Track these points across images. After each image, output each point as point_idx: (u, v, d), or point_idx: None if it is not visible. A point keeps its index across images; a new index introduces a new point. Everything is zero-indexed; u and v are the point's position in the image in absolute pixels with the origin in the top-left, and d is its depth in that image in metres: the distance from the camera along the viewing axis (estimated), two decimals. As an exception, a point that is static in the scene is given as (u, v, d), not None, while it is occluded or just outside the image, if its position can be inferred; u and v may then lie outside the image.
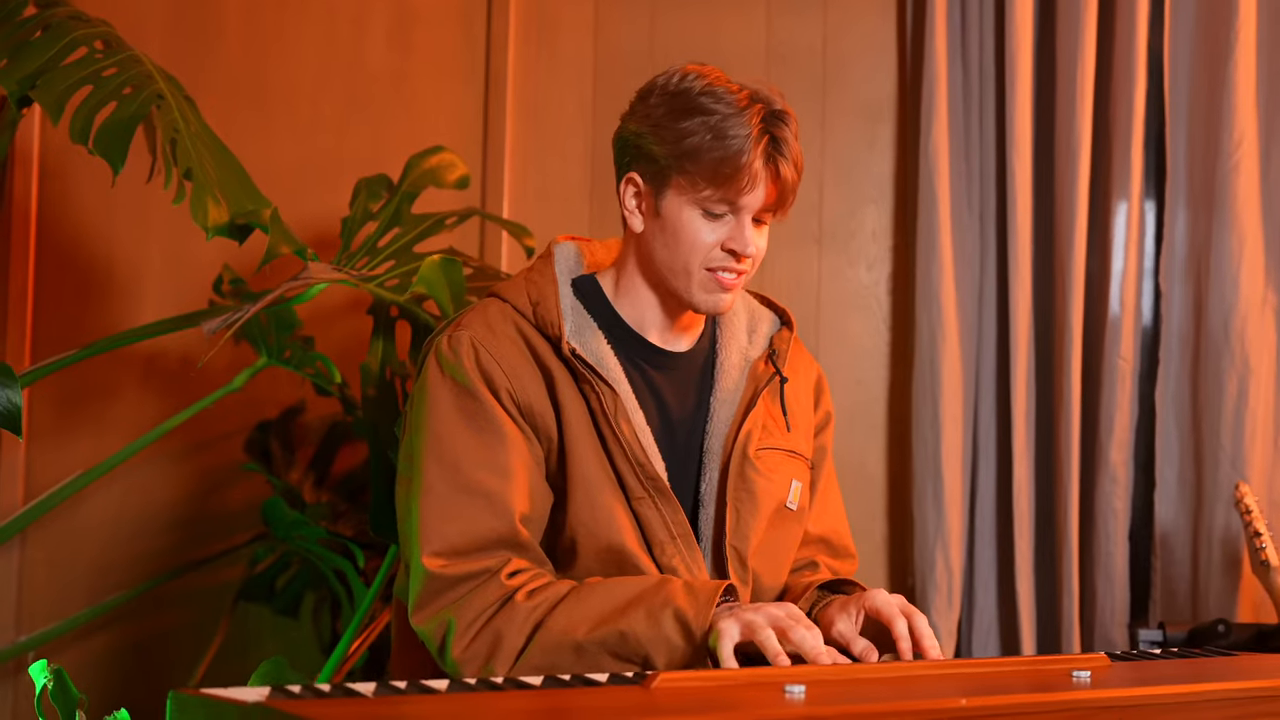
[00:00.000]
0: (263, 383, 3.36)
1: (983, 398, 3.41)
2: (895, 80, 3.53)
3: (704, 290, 2.14)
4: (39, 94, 2.45)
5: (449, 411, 2.09)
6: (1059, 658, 1.99)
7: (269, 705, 1.38)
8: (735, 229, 2.11)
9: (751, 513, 2.18)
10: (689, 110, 2.08)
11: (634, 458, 2.09)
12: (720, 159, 2.05)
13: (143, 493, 3.48)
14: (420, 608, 2.05)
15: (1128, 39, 3.30)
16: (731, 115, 2.06)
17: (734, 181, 2.06)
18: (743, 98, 2.09)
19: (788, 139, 2.10)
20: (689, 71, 2.12)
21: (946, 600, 3.31)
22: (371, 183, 3.06)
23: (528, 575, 2.05)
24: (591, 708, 1.53)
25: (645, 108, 2.14)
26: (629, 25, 3.54)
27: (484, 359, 2.10)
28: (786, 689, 1.57)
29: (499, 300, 2.19)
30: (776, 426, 2.25)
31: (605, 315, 2.20)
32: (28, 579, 3.47)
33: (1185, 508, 3.34)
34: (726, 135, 2.05)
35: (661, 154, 2.09)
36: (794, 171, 2.11)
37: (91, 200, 3.48)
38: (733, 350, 2.26)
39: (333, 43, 3.54)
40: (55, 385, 3.45)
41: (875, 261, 3.53)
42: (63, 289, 3.49)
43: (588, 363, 2.10)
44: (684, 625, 1.95)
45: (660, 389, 2.20)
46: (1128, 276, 3.32)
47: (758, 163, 2.07)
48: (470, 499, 2.05)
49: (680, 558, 2.11)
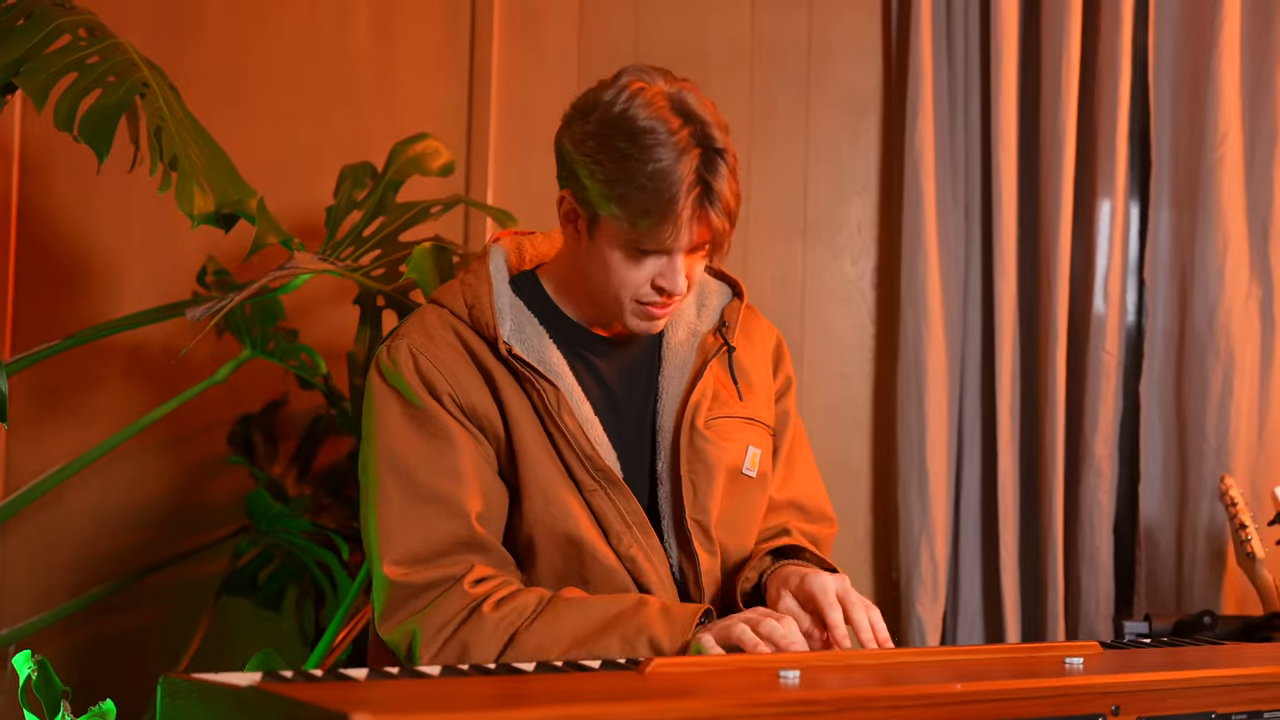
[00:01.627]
0: (246, 375, 3.34)
1: (967, 391, 3.41)
2: (880, 74, 3.53)
3: (635, 317, 2.13)
4: (22, 81, 2.44)
5: (396, 421, 2.10)
6: (1051, 645, 1.99)
7: (262, 688, 1.37)
8: (666, 267, 2.07)
9: (707, 483, 2.17)
10: (625, 152, 2.00)
11: (581, 451, 2.09)
12: (647, 209, 1.99)
13: (125, 485, 3.46)
14: (386, 617, 2.05)
15: (1112, 33, 3.31)
16: (667, 164, 1.98)
17: (660, 231, 2.01)
18: (683, 137, 2.00)
19: (720, 187, 2.02)
20: (634, 94, 2.03)
21: (931, 594, 3.31)
22: (356, 170, 3.04)
23: (493, 584, 2.04)
24: (586, 691, 1.52)
25: (583, 130, 2.06)
26: (614, 16, 3.53)
27: (423, 365, 2.10)
28: (781, 674, 1.57)
29: (436, 306, 2.18)
30: (729, 395, 2.24)
31: (546, 310, 2.19)
32: (9, 572, 3.45)
33: (1170, 501, 3.34)
34: (659, 187, 1.98)
35: (593, 189, 2.04)
36: (725, 220, 2.04)
37: (72, 192, 3.45)
38: (679, 328, 2.25)
39: (315, 33, 3.52)
40: (37, 377, 3.42)
41: (860, 255, 3.53)
42: (44, 280, 3.46)
43: (526, 361, 2.10)
44: (659, 652, 1.95)
45: (606, 377, 2.19)
46: (1112, 270, 3.32)
47: (686, 212, 2.01)
48: (425, 505, 2.06)
49: (638, 546, 2.12)
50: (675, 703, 1.44)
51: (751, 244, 3.51)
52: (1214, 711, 1.77)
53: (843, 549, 3.46)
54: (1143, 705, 1.71)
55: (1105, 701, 1.68)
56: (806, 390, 3.49)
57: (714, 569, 2.18)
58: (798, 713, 1.47)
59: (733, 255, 3.50)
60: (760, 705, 1.46)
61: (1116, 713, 1.68)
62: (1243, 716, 1.80)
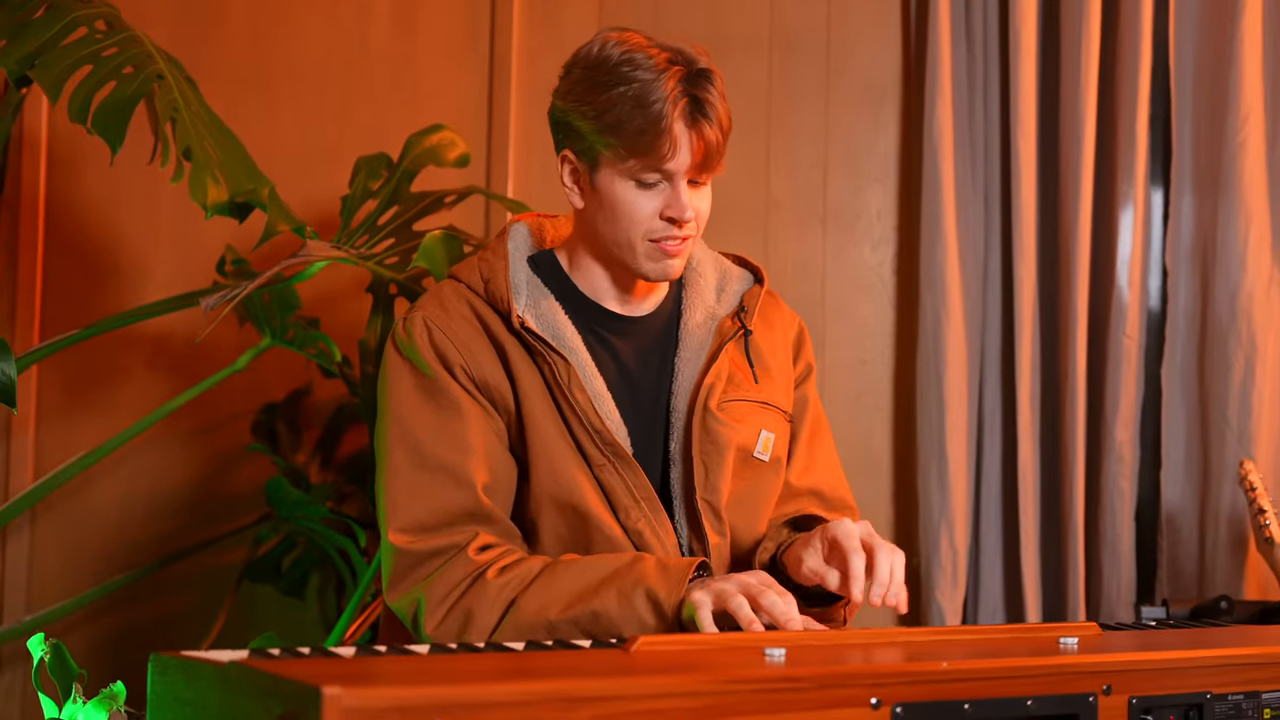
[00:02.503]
0: (270, 365, 3.38)
1: (988, 377, 3.40)
2: (900, 60, 3.53)
3: (650, 260, 2.14)
4: (37, 73, 2.47)
5: (408, 393, 2.13)
6: (1048, 625, 1.99)
7: (243, 664, 1.38)
8: (671, 196, 2.10)
9: (718, 464, 2.17)
10: (607, 82, 2.07)
11: (591, 425, 2.11)
12: (640, 129, 2.04)
13: (152, 474, 3.50)
14: (393, 585, 2.08)
15: (1132, 17, 3.29)
16: (649, 81, 2.05)
17: (656, 149, 2.05)
18: (661, 60, 2.07)
19: (710, 99, 2.07)
20: (609, 39, 2.11)
21: (951, 580, 3.31)
22: (371, 161, 3.06)
23: (497, 551, 2.06)
24: (572, 668, 1.53)
25: (569, 82, 2.13)
26: (633, 5, 3.54)
27: (437, 337, 2.12)
28: (766, 651, 1.58)
29: (453, 280, 2.21)
30: (744, 379, 2.25)
31: (562, 288, 2.21)
32: (38, 560, 3.49)
33: (1191, 486, 3.32)
34: (645, 103, 2.04)
35: (587, 129, 2.09)
36: (718, 132, 2.08)
37: (99, 184, 3.49)
38: (698, 310, 2.26)
39: (337, 25, 3.54)
40: (64, 368, 3.47)
41: (880, 242, 3.52)
42: (70, 272, 3.50)
43: (538, 334, 2.11)
44: (656, 604, 1.96)
45: (621, 354, 2.20)
46: (1133, 255, 3.30)
47: (678, 125, 2.05)
48: (433, 475, 2.08)
49: (645, 521, 2.12)
50: (657, 679, 1.45)
51: (772, 231, 3.52)
52: (1209, 691, 1.76)
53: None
54: (1135, 685, 1.70)
55: (1097, 681, 1.67)
56: (827, 377, 3.49)
57: (723, 549, 2.19)
58: (779, 689, 1.48)
59: (753, 242, 3.51)
60: (742, 682, 1.46)
61: (1108, 692, 1.68)
62: (1239, 696, 1.79)
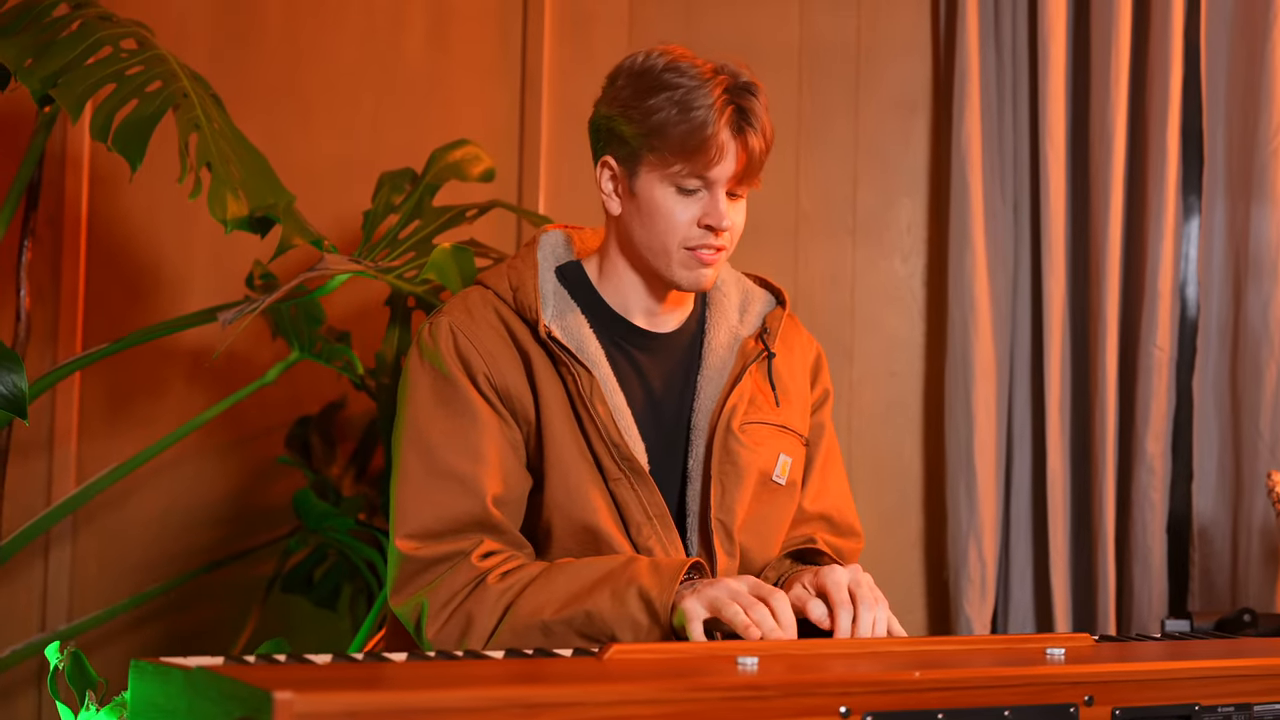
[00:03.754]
0: (305, 378, 3.42)
1: (1017, 389, 3.38)
2: (930, 72, 3.53)
3: (684, 268, 2.15)
4: (59, 92, 2.51)
5: (426, 398, 2.14)
6: (1040, 636, 1.97)
7: (208, 669, 1.41)
8: (709, 203, 2.12)
9: (736, 485, 2.18)
10: (654, 87, 2.10)
11: (609, 439, 2.11)
12: (687, 132, 2.06)
13: (190, 487, 3.55)
14: (397, 590, 2.09)
15: (1163, 24, 3.26)
16: (696, 88, 2.07)
17: (702, 154, 2.08)
18: (707, 70, 2.10)
19: (755, 109, 2.11)
20: (654, 51, 2.14)
21: (980, 593, 3.29)
22: (395, 176, 3.10)
23: (500, 558, 2.08)
24: (543, 674, 1.54)
25: (614, 90, 2.16)
26: (664, 21, 3.56)
27: (462, 344, 2.13)
28: (739, 660, 1.58)
29: (481, 287, 2.23)
30: (765, 401, 2.26)
31: (589, 300, 2.22)
32: (79, 571, 3.55)
33: (1224, 498, 3.29)
34: (691, 108, 2.06)
35: (631, 134, 2.11)
36: (762, 141, 2.11)
37: (139, 201, 3.55)
38: (721, 329, 2.27)
39: (372, 42, 3.59)
40: (106, 382, 3.53)
41: (910, 254, 3.52)
42: (112, 287, 3.57)
43: (564, 345, 2.12)
44: (648, 603, 1.97)
45: (645, 370, 2.21)
46: (1164, 265, 3.27)
47: (724, 133, 2.08)
48: (443, 482, 2.09)
49: (656, 538, 2.13)
50: (618, 685, 1.46)
51: (802, 243, 3.52)
52: (1198, 703, 1.75)
53: (894, 549, 3.46)
54: (1120, 696, 1.69)
55: (1078, 691, 1.66)
56: (857, 389, 3.49)
57: (731, 570, 2.19)
58: (745, 698, 1.48)
59: (783, 255, 3.51)
60: (707, 690, 1.47)
61: (1090, 703, 1.67)
62: (1230, 709, 1.77)
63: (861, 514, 2.39)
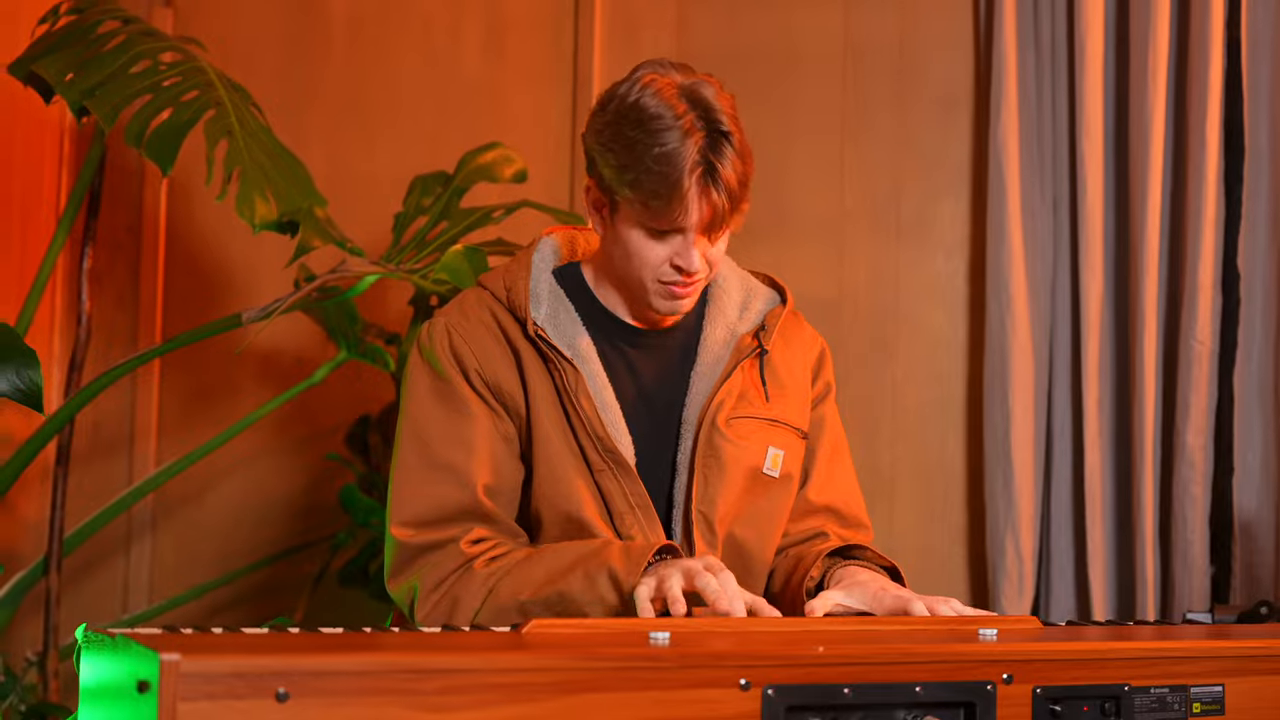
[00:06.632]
0: (368, 379, 3.54)
1: (1057, 385, 3.38)
2: (971, 69, 3.54)
3: (660, 297, 2.21)
4: (94, 103, 2.65)
5: (424, 394, 2.23)
6: (986, 617, 1.99)
7: (124, 634, 1.50)
8: (681, 247, 2.16)
9: (719, 478, 2.24)
10: (633, 138, 2.11)
11: (594, 432, 2.19)
12: (655, 191, 2.09)
13: (260, 483, 3.71)
14: (393, 576, 2.19)
15: (1203, 19, 3.24)
16: (672, 145, 2.09)
17: (668, 210, 2.11)
18: (687, 121, 2.10)
19: (722, 166, 2.11)
20: (646, 84, 2.14)
21: (1017, 588, 3.29)
22: (426, 180, 3.20)
23: (488, 544, 2.16)
24: (459, 645, 1.60)
25: (601, 121, 2.18)
26: (710, 23, 3.62)
27: (456, 342, 2.22)
28: (652, 635, 1.63)
29: (479, 288, 2.32)
30: (756, 396, 2.31)
31: (585, 301, 2.29)
32: (158, 562, 3.72)
33: (1267, 492, 3.25)
34: (665, 164, 2.08)
35: (609, 175, 2.15)
36: (725, 200, 2.12)
37: (214, 210, 3.70)
38: (718, 326, 2.32)
39: (431, 54, 3.71)
40: (183, 383, 3.70)
41: (953, 252, 3.53)
42: (190, 291, 3.73)
43: (551, 342, 2.20)
44: (616, 584, 2.04)
45: (637, 366, 2.28)
46: (1204, 259, 3.24)
47: (692, 191, 2.10)
48: (437, 473, 2.18)
49: (639, 527, 2.19)
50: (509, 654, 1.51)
51: (846, 241, 3.55)
52: (1128, 684, 1.75)
53: (938, 545, 3.47)
54: (1042, 675, 1.69)
55: (996, 669, 1.67)
56: (901, 387, 3.51)
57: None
58: (639, 668, 1.51)
59: (827, 252, 3.55)
60: (598, 659, 1.51)
61: (1009, 681, 1.67)
62: (1164, 690, 1.77)
63: (905, 511, 2.42)
